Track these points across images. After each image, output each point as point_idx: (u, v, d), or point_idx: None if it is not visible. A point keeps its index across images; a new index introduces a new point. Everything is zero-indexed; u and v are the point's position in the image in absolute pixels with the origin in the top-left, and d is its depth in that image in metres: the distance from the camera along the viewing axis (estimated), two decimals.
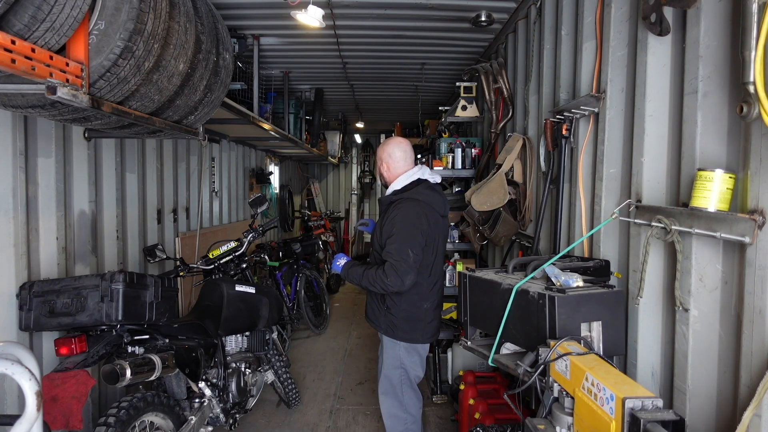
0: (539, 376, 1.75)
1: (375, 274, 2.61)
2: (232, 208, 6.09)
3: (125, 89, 2.08)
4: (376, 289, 2.66)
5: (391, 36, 4.62)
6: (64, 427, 2.31)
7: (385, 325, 2.84)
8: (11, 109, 2.06)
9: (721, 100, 1.69)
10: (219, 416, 3.14)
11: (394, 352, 2.85)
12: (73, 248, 3.00)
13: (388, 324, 2.82)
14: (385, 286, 2.59)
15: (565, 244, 2.85)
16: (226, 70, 2.94)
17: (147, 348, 2.68)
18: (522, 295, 2.04)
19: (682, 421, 1.30)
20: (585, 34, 2.62)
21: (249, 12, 4.06)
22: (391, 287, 2.58)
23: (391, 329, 2.82)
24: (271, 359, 3.77)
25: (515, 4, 3.83)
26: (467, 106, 4.94)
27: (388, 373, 2.88)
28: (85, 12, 1.71)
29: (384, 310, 2.83)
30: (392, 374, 2.87)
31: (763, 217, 1.47)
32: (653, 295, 2.02)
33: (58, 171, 2.83)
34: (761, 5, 1.38)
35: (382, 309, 2.83)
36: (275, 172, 8.12)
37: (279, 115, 6.15)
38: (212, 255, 3.65)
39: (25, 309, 2.51)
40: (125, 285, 2.49)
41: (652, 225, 1.91)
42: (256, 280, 4.52)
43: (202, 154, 4.99)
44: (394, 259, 2.58)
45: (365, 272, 2.67)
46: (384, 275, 2.58)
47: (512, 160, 3.55)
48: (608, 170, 2.37)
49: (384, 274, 2.58)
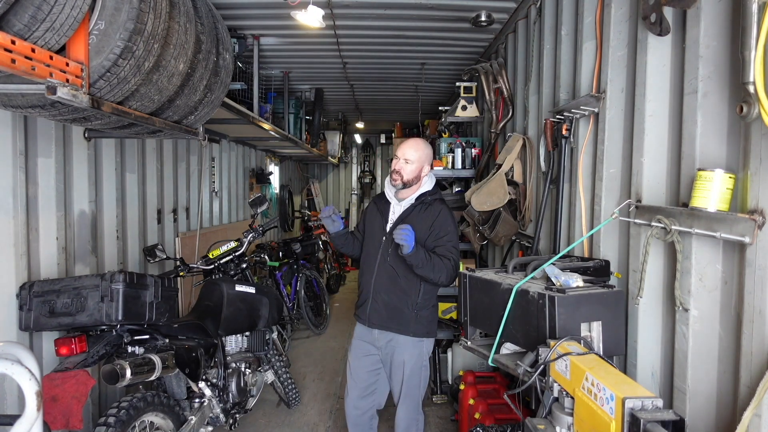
0: (539, 376, 1.75)
1: (441, 262, 2.63)
2: (232, 208, 6.09)
3: (125, 89, 2.08)
4: (431, 275, 2.62)
5: (391, 36, 4.62)
6: (64, 427, 2.31)
7: (414, 325, 2.75)
8: (11, 109, 2.06)
9: (721, 100, 1.69)
10: (219, 416, 3.14)
11: (419, 351, 2.79)
12: (73, 248, 3.00)
13: (418, 323, 2.76)
14: (445, 276, 2.64)
15: (565, 244, 2.85)
16: (226, 70, 2.94)
17: (147, 348, 2.68)
18: (522, 295, 2.04)
19: (682, 421, 1.29)
20: (585, 34, 2.62)
21: (249, 12, 4.06)
22: (448, 279, 2.66)
23: (422, 328, 2.78)
24: (271, 359, 3.77)
25: (515, 4, 3.83)
26: (467, 106, 4.94)
27: (413, 381, 2.80)
28: (85, 12, 1.71)
29: (414, 310, 2.75)
30: (417, 379, 2.81)
31: (763, 217, 1.47)
32: (653, 295, 2.02)
33: (58, 171, 2.83)
34: (761, 5, 1.38)
35: (412, 309, 2.75)
36: (275, 172, 8.12)
37: (279, 115, 6.15)
38: (212, 255, 3.65)
39: (25, 309, 2.51)
40: (125, 285, 2.49)
41: (652, 225, 1.91)
42: (256, 280, 4.51)
43: (202, 154, 4.99)
44: (455, 256, 2.68)
45: (432, 256, 2.64)
46: (448, 266, 2.64)
47: (512, 160, 3.55)
48: (608, 170, 2.37)
49: (449, 266, 2.64)
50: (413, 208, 2.77)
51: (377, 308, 2.79)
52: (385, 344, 2.82)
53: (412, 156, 2.72)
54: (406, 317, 2.75)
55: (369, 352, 2.88)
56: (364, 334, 2.89)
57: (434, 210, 2.75)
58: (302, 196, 10.70)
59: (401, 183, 2.74)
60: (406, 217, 2.75)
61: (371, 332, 2.84)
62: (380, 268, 2.79)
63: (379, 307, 2.78)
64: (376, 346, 2.85)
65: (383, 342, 2.82)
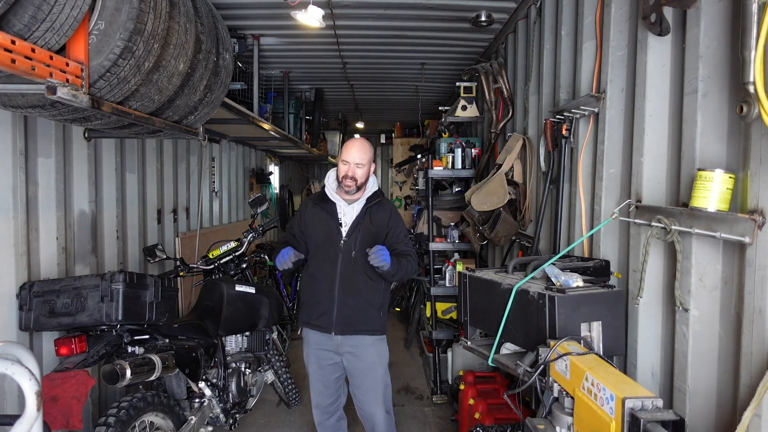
0: (539, 376, 1.75)
1: (408, 262, 2.73)
2: (232, 208, 6.09)
3: (125, 89, 2.08)
4: (404, 275, 2.78)
5: (391, 36, 4.62)
6: (64, 427, 2.32)
7: (379, 324, 2.80)
8: (11, 109, 2.06)
9: (721, 100, 1.69)
10: (219, 416, 3.14)
11: (383, 349, 2.84)
12: (73, 248, 3.00)
13: (381, 321, 2.82)
14: (414, 271, 2.81)
15: (565, 244, 2.85)
16: (226, 70, 2.95)
17: (147, 348, 2.68)
18: (522, 295, 2.04)
19: (682, 421, 1.30)
20: (585, 34, 2.62)
21: (249, 12, 4.06)
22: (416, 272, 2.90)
23: (384, 326, 2.85)
24: (271, 359, 3.77)
25: (515, 4, 3.83)
26: (467, 106, 4.94)
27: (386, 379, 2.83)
28: (85, 12, 1.71)
29: (377, 309, 2.78)
30: (388, 376, 2.86)
31: (762, 217, 1.47)
32: (653, 295, 2.02)
33: (58, 171, 2.83)
34: (761, 5, 1.38)
35: (375, 309, 2.77)
36: (275, 172, 8.12)
37: (279, 115, 6.15)
38: (212, 255, 3.65)
39: (25, 309, 2.51)
40: (125, 285, 2.49)
41: (652, 225, 1.91)
42: (256, 280, 4.52)
43: (202, 154, 4.99)
44: (412, 249, 2.84)
45: (400, 260, 2.69)
46: (413, 262, 2.77)
47: (512, 160, 3.55)
48: (608, 170, 2.37)
49: (413, 261, 2.78)
50: (367, 210, 2.77)
51: (345, 314, 2.72)
52: (351, 349, 2.78)
53: (363, 159, 2.69)
54: (372, 317, 2.78)
55: (332, 360, 2.82)
56: (323, 342, 2.80)
57: (385, 209, 2.82)
58: (302, 196, 10.70)
59: (355, 188, 2.71)
60: (362, 219, 2.75)
61: (332, 339, 2.76)
62: (343, 275, 2.71)
63: (348, 313, 2.72)
64: (338, 352, 2.80)
65: (348, 347, 2.78)
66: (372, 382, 2.80)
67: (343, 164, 2.70)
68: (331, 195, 2.80)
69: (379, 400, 2.81)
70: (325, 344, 2.80)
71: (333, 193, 2.80)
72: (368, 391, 2.81)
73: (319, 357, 2.83)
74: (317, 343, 2.82)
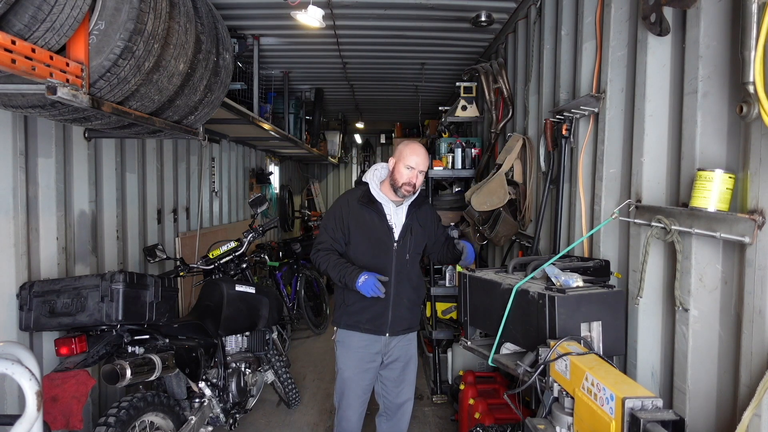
0: (539, 376, 1.75)
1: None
2: (232, 208, 6.09)
3: (125, 89, 2.08)
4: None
5: (391, 36, 4.62)
6: (64, 427, 2.31)
7: (420, 319, 2.91)
8: (11, 109, 2.06)
9: (721, 100, 1.69)
10: (219, 416, 3.14)
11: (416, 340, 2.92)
12: (73, 248, 3.00)
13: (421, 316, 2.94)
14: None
15: (565, 244, 2.85)
16: (226, 70, 2.94)
17: (147, 348, 2.68)
18: (522, 295, 2.04)
19: (681, 421, 1.30)
20: (585, 34, 2.62)
21: (249, 12, 4.06)
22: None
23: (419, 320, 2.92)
24: (271, 359, 3.77)
25: (515, 4, 3.83)
26: (467, 106, 4.94)
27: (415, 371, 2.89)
28: (85, 12, 1.72)
29: (419, 305, 2.87)
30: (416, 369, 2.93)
31: (762, 217, 1.47)
32: (653, 295, 2.02)
33: (58, 171, 2.83)
34: (761, 5, 1.38)
35: (419, 306, 2.87)
36: (275, 172, 8.12)
37: (279, 115, 6.15)
38: (212, 255, 3.65)
39: (25, 309, 2.52)
40: (125, 285, 2.49)
41: (652, 225, 1.91)
42: (256, 280, 4.52)
43: (202, 154, 4.99)
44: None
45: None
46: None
47: (512, 160, 3.55)
48: (608, 170, 2.37)
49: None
50: (413, 210, 2.76)
51: (401, 314, 2.69)
52: (403, 345, 2.78)
53: (426, 166, 2.64)
54: (418, 314, 2.86)
55: (374, 361, 2.73)
56: (371, 345, 2.70)
57: (426, 208, 2.88)
58: (302, 196, 10.70)
59: (412, 193, 2.66)
60: (412, 222, 2.74)
61: (381, 340, 2.69)
62: (398, 277, 2.66)
63: (402, 314, 2.70)
64: (383, 352, 2.74)
65: (401, 345, 2.76)
66: (411, 374, 2.86)
67: (408, 170, 2.58)
68: (377, 195, 2.68)
69: (413, 388, 2.90)
70: (372, 347, 2.70)
71: (380, 193, 2.68)
72: (407, 381, 2.85)
73: (362, 360, 2.70)
74: (363, 346, 2.70)
